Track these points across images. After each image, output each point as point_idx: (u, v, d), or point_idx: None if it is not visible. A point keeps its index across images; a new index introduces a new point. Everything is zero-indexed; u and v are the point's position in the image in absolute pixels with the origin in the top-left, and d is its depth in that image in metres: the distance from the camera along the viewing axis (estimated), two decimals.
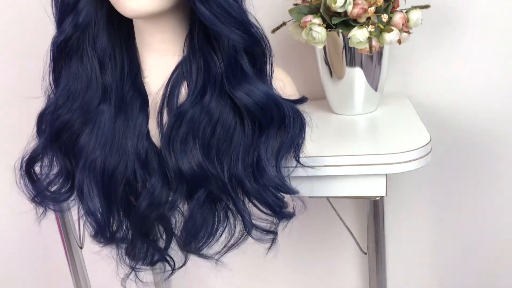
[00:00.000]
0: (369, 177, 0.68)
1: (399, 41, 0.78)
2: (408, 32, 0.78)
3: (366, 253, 0.75)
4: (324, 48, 0.85)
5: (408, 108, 0.89)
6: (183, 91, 0.64)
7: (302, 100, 0.67)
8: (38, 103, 0.69)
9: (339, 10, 0.74)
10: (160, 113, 0.64)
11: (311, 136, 0.65)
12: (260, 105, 0.60)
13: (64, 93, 0.65)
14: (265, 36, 0.62)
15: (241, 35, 0.59)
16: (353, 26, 0.76)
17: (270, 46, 0.63)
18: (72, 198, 0.68)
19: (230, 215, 0.62)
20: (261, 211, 0.63)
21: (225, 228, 0.62)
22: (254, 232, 0.62)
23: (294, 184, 0.64)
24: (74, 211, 0.85)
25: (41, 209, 0.70)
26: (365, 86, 0.85)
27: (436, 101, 0.98)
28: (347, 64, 0.84)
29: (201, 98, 0.62)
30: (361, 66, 0.83)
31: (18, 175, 0.69)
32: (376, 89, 0.87)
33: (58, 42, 0.64)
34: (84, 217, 0.65)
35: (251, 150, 0.61)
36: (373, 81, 0.86)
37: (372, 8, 0.72)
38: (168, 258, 0.66)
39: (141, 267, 0.67)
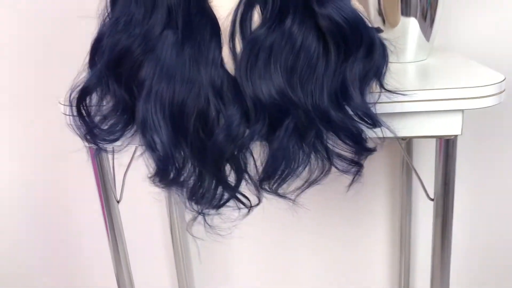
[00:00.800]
0: (444, 114, 0.65)
1: None
2: None
3: (432, 199, 0.71)
4: None
5: (462, 57, 0.86)
6: (256, 16, 0.59)
7: (378, 29, 0.63)
8: (89, 27, 0.62)
9: None
10: (232, 39, 0.59)
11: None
12: (352, 22, 0.55)
13: (124, 16, 0.59)
14: None
15: None
16: None
17: None
18: (129, 135, 0.62)
19: (317, 146, 0.57)
20: (344, 142, 0.58)
21: (308, 161, 0.57)
22: (339, 162, 0.58)
23: None
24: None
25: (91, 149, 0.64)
26: (418, 35, 0.83)
27: (484, 54, 0.96)
28: (402, 13, 0.81)
29: (280, 22, 0.57)
30: (416, 16, 0.81)
31: (68, 110, 0.63)
32: (428, 39, 0.85)
33: None
34: (146, 153, 0.59)
35: (335, 76, 0.57)
36: (427, 31, 0.83)
37: None
38: (241, 196, 0.61)
39: (208, 210, 0.62)
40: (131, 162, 0.79)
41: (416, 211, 1.11)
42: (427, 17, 0.82)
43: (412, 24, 0.82)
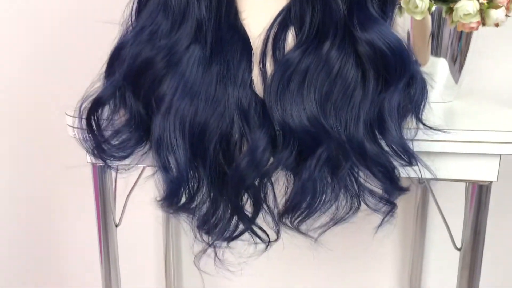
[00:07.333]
0: (480, 157, 0.61)
1: (497, 24, 0.73)
2: (507, 15, 0.73)
3: (459, 249, 0.66)
4: (408, 35, 0.80)
5: (489, 100, 0.83)
6: (290, 37, 0.55)
7: (416, 61, 0.59)
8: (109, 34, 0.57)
9: None
10: (263, 60, 0.55)
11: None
12: (396, 50, 0.52)
13: (149, 26, 0.55)
14: None
15: None
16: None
17: None
18: (140, 153, 0.57)
19: (348, 180, 0.52)
20: (377, 178, 0.53)
21: (338, 196, 0.52)
22: (370, 200, 0.53)
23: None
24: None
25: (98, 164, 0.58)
26: (447, 77, 0.80)
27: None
28: (432, 53, 0.78)
29: (317, 46, 0.53)
30: (446, 57, 0.78)
31: (76, 122, 0.58)
32: (456, 82, 0.81)
33: None
34: (158, 173, 0.54)
35: (372, 107, 0.53)
36: (455, 73, 0.80)
37: None
38: (257, 229, 0.56)
39: (219, 242, 0.56)
40: (136, 184, 0.73)
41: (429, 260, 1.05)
42: (457, 61, 0.79)
43: (441, 65, 0.79)
